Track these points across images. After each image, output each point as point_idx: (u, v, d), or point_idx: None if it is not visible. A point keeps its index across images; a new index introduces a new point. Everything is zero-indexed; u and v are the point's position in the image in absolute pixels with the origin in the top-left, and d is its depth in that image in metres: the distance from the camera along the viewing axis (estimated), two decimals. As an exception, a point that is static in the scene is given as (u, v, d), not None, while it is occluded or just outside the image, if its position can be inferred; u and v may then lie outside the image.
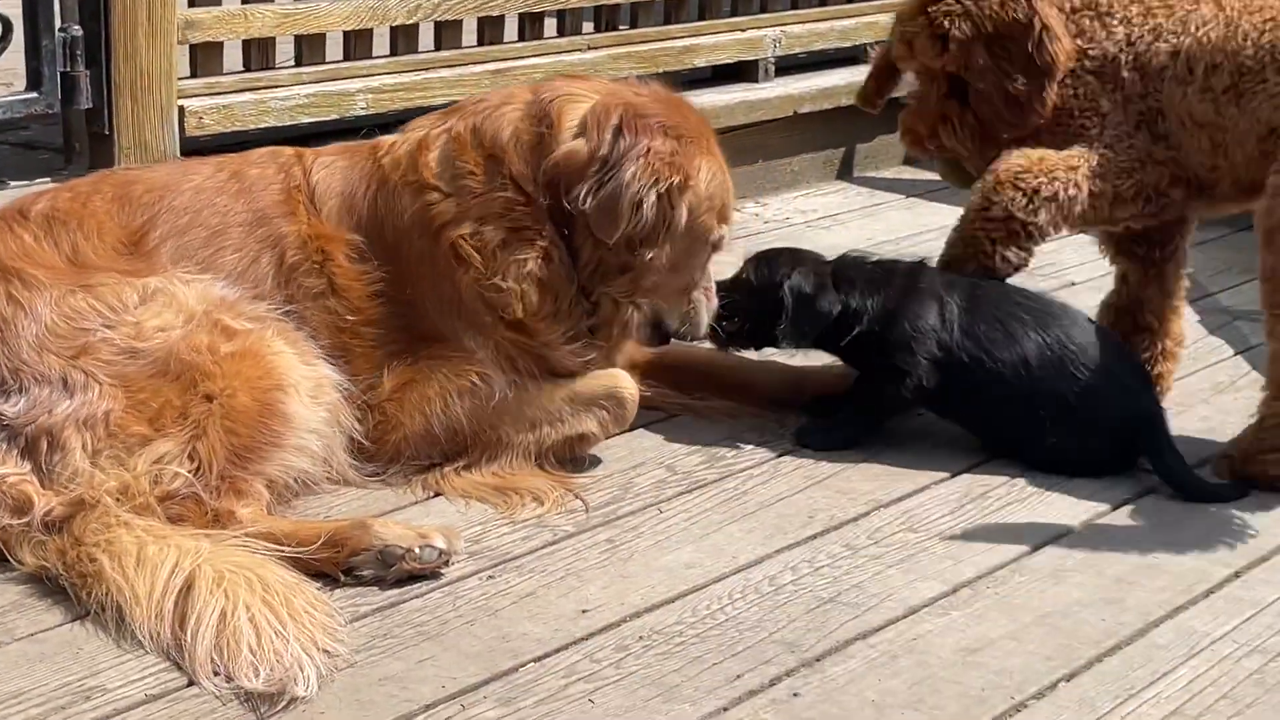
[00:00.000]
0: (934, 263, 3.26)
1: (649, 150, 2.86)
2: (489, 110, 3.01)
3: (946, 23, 3.02)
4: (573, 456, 3.03)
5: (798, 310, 3.07)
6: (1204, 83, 3.02)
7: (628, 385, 3.10)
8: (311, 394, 2.79)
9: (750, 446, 3.14)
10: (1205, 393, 3.48)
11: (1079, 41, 3.08)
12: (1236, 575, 2.71)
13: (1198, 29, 3.03)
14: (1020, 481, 3.04)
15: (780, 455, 3.11)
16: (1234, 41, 3.00)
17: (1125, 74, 3.07)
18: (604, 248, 2.93)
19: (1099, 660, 2.43)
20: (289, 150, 3.07)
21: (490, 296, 2.95)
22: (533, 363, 3.01)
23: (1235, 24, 3.02)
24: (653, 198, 2.86)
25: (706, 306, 3.07)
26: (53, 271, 2.75)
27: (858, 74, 5.01)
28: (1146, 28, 3.06)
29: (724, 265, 3.21)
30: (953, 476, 3.04)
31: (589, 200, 2.86)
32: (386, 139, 3.07)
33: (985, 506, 2.94)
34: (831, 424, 3.21)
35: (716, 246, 3.05)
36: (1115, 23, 3.07)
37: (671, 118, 2.96)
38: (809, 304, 3.06)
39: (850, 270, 3.15)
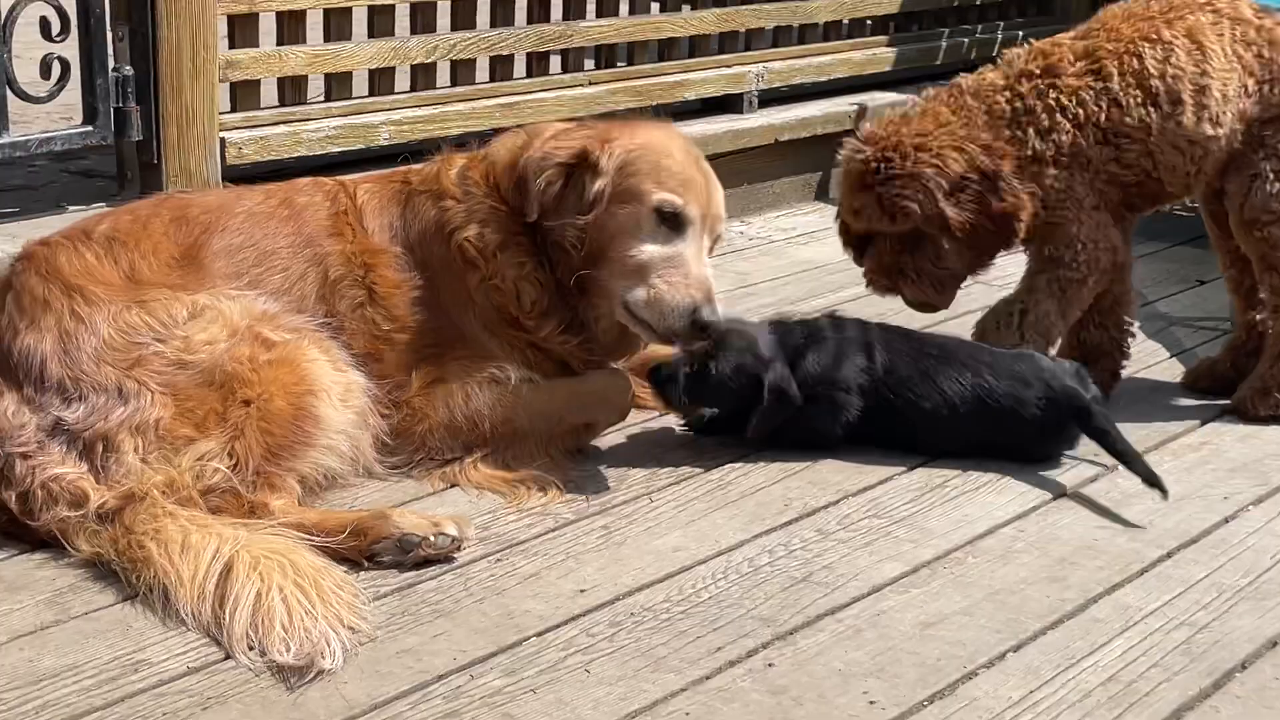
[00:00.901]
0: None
1: (555, 136, 2.98)
2: (501, 139, 3.08)
3: (899, 200, 2.96)
4: (578, 445, 3.05)
5: (776, 406, 3.00)
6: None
7: (625, 383, 3.13)
8: (341, 398, 2.80)
9: (732, 443, 3.13)
10: (1144, 391, 3.48)
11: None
12: (1168, 555, 2.72)
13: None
14: (974, 473, 3.04)
15: (758, 451, 3.11)
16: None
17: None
18: (551, 233, 2.97)
19: (1043, 633, 2.44)
20: (330, 180, 3.10)
21: (494, 296, 2.98)
22: (540, 359, 3.03)
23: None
24: (553, 168, 2.94)
25: (671, 296, 2.91)
26: (111, 288, 2.76)
27: (833, 106, 5.07)
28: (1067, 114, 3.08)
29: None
30: (912, 469, 3.05)
31: (510, 188, 2.97)
32: (418, 166, 3.11)
33: (942, 495, 2.95)
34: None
35: (667, 216, 2.94)
36: (1045, 119, 3.08)
37: (606, 127, 3.03)
38: (784, 397, 3.00)
39: (792, 339, 3.09)
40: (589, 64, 4.64)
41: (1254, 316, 3.37)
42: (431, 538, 2.58)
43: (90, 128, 3.47)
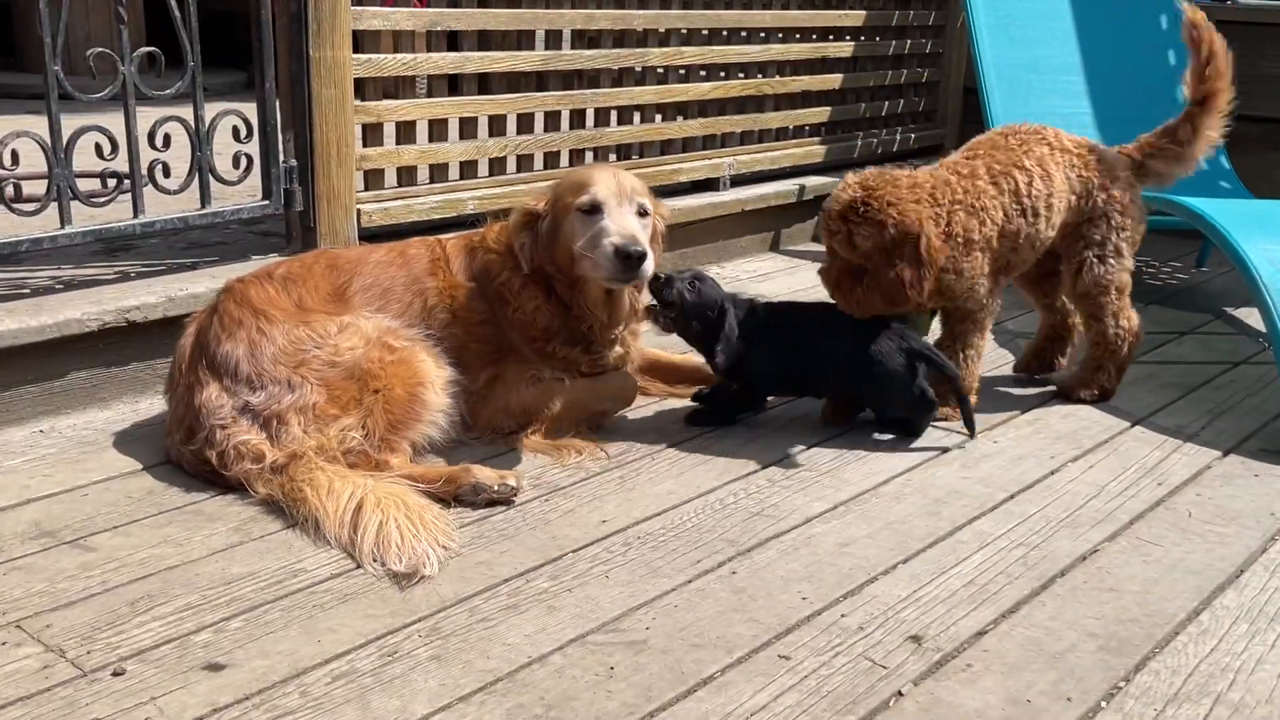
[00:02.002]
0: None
1: (519, 206, 3.01)
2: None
3: (859, 234, 2.86)
4: (599, 423, 3.04)
5: (730, 340, 2.93)
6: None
7: (630, 381, 3.13)
8: (442, 388, 2.80)
9: (709, 427, 3.11)
10: (994, 384, 3.47)
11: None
12: (1010, 497, 2.72)
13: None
14: (877, 440, 3.03)
15: (731, 425, 3.10)
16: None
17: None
18: (547, 271, 2.94)
19: (923, 551, 2.45)
20: (432, 239, 3.10)
21: (520, 321, 2.98)
22: (560, 364, 3.00)
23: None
24: (518, 230, 2.95)
25: (603, 246, 2.78)
26: (286, 312, 2.77)
27: (782, 186, 5.06)
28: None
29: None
30: (838, 435, 3.04)
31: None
32: (480, 229, 3.12)
33: (855, 455, 2.94)
34: (713, 409, 3.10)
35: (581, 208, 2.86)
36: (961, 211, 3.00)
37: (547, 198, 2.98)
38: (733, 338, 2.94)
39: (738, 306, 3.00)
40: (613, 156, 4.64)
41: (1055, 319, 3.42)
42: (497, 486, 2.58)
43: (267, 202, 3.47)
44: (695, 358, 3.20)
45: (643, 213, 2.92)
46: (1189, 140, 3.21)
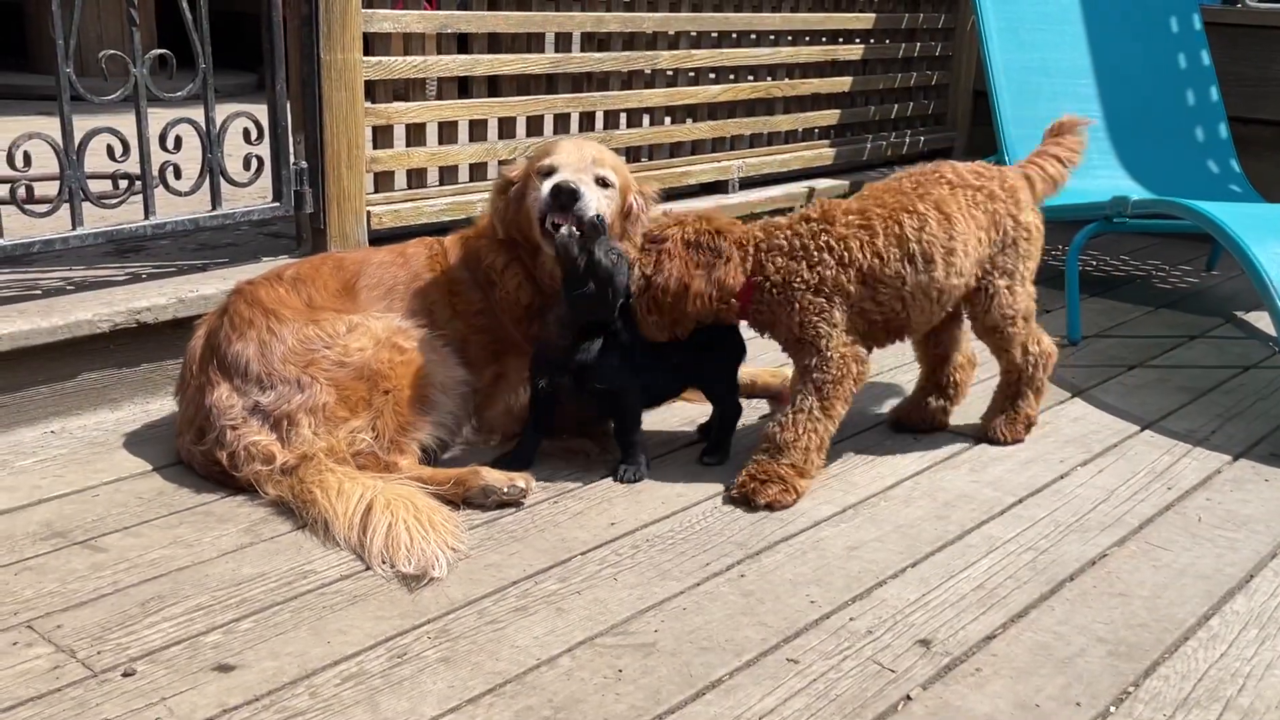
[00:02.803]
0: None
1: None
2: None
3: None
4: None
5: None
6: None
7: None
8: (451, 388, 2.80)
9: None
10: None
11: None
12: (1019, 501, 2.71)
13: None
14: (886, 443, 3.03)
15: (738, 428, 3.08)
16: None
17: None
18: (518, 234, 2.92)
19: (932, 555, 2.44)
20: (430, 238, 3.10)
21: (506, 301, 2.97)
22: None
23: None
24: (497, 199, 2.94)
25: (547, 185, 2.78)
26: (295, 311, 2.77)
27: (790, 189, 5.05)
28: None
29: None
30: (846, 438, 3.03)
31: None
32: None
33: (865, 459, 2.94)
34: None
35: (544, 171, 2.83)
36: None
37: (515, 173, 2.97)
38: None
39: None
40: (622, 158, 4.64)
41: (937, 368, 3.08)
42: (506, 488, 2.58)
43: (277, 204, 3.48)
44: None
45: (603, 183, 2.86)
46: (1069, 159, 3.00)
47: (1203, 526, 2.60)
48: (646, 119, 4.71)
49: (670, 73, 4.68)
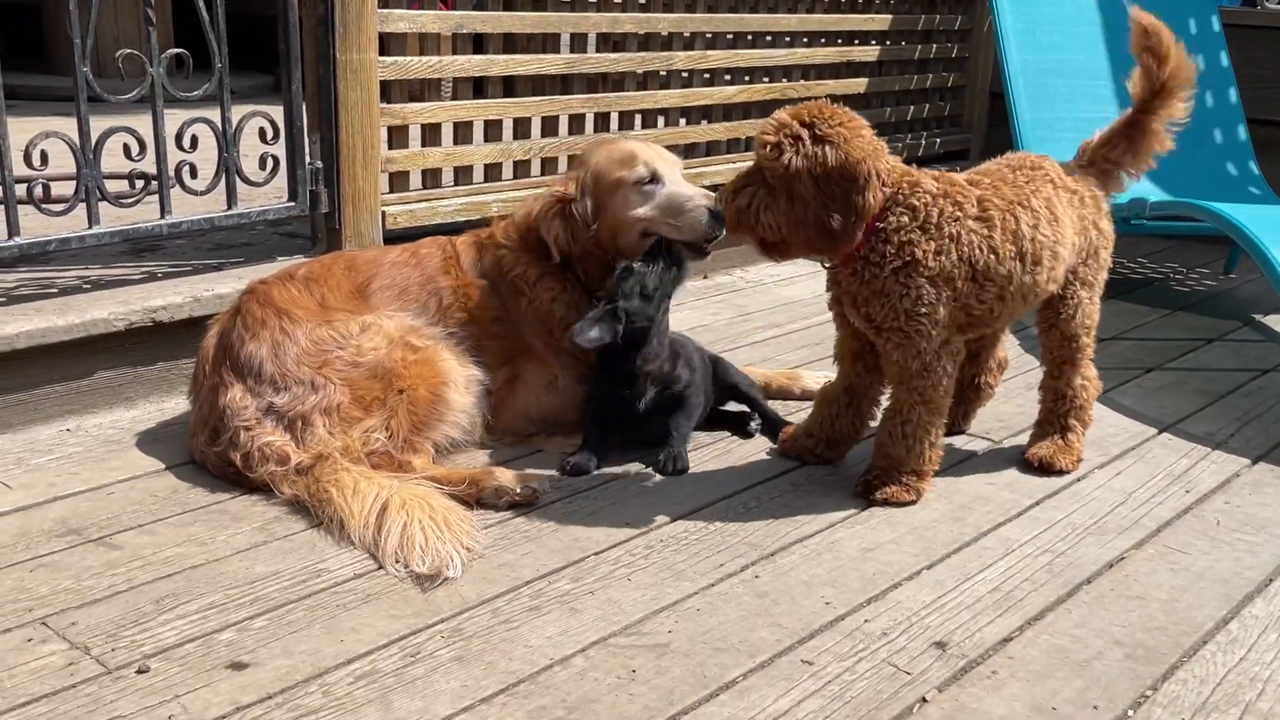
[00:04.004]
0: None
1: (538, 197, 2.97)
2: (526, 205, 3.05)
3: (797, 152, 2.41)
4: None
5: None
6: None
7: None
8: (465, 387, 2.80)
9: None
10: (1017, 389, 3.45)
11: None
12: (1036, 503, 2.69)
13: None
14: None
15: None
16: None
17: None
18: (578, 253, 2.92)
19: (948, 556, 2.43)
20: (443, 238, 3.10)
21: (538, 313, 2.96)
22: (571, 358, 2.95)
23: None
24: (548, 219, 2.91)
25: (704, 208, 2.82)
26: (308, 311, 2.78)
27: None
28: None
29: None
30: (862, 440, 3.02)
31: (531, 240, 2.96)
32: (488, 227, 3.12)
33: (879, 460, 2.92)
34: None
35: (639, 180, 2.86)
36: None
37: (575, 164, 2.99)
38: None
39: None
40: (636, 161, 4.65)
41: (970, 372, 2.98)
42: (520, 488, 2.58)
43: (293, 204, 3.49)
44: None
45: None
46: (1142, 152, 2.77)
47: (1221, 530, 2.58)
48: (662, 120, 4.71)
49: (686, 73, 4.68)
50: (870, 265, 2.51)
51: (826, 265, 2.65)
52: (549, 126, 4.24)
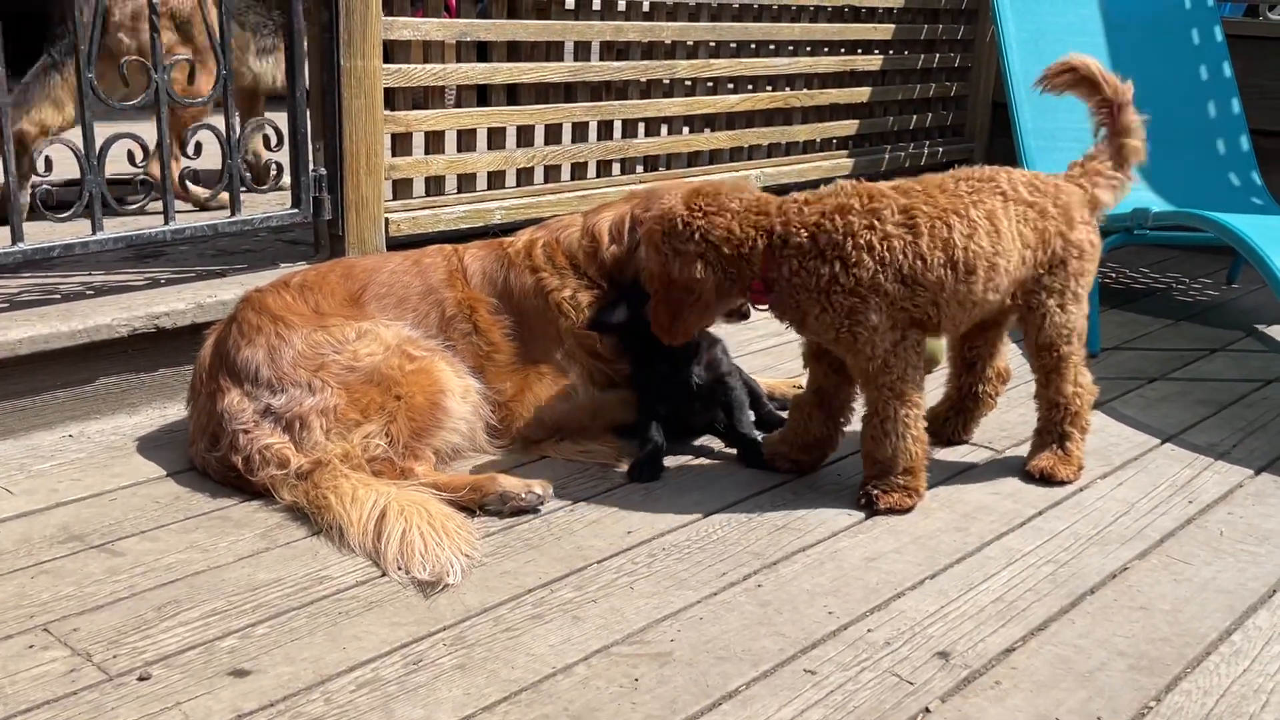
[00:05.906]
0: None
1: (647, 229, 2.82)
2: (561, 229, 3.05)
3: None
4: (623, 433, 3.00)
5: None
6: None
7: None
8: (462, 396, 2.80)
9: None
10: (1017, 399, 3.44)
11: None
12: (1039, 513, 2.69)
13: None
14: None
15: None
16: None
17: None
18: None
19: (951, 567, 2.42)
20: (448, 247, 3.09)
21: (581, 337, 2.96)
22: (604, 378, 3.01)
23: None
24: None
25: None
26: (304, 317, 2.78)
27: (809, 198, 5.04)
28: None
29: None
30: (857, 452, 3.01)
31: (588, 265, 2.96)
32: (507, 239, 3.10)
33: (882, 469, 2.91)
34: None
35: None
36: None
37: (645, 204, 2.91)
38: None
39: None
40: (640, 168, 4.64)
41: (968, 382, 3.01)
42: (523, 495, 2.58)
43: (296, 210, 3.49)
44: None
45: None
46: (1125, 165, 2.87)
47: (1224, 540, 2.58)
48: (665, 128, 4.71)
49: (689, 82, 4.68)
50: (784, 300, 2.63)
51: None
52: (552, 134, 4.24)
